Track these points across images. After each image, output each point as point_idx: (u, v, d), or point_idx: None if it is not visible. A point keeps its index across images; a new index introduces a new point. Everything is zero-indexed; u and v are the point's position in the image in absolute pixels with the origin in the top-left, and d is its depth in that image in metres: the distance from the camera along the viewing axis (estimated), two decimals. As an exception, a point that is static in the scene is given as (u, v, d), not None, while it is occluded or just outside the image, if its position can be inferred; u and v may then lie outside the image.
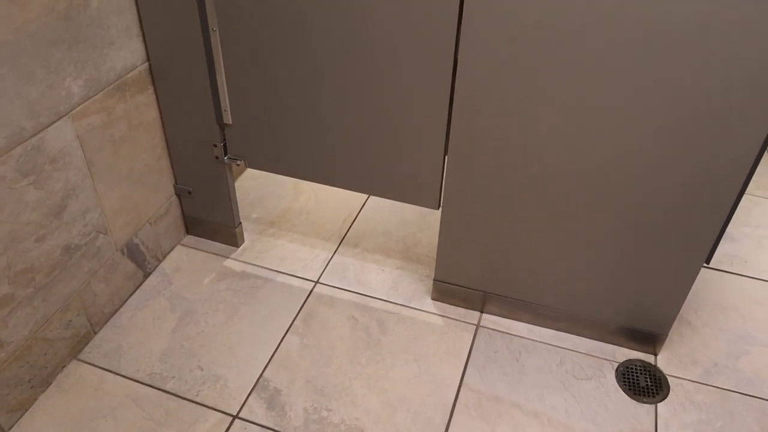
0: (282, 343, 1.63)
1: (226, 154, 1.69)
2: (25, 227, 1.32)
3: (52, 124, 1.32)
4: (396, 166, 1.54)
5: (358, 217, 2.06)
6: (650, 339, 1.61)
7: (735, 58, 1.12)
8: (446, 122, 1.41)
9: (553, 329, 1.69)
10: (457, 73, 1.32)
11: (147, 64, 1.55)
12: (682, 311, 1.73)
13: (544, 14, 1.18)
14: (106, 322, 1.65)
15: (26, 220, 1.32)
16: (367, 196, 2.14)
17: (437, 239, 1.63)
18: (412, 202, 1.60)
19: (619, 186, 1.36)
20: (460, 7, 1.24)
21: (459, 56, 1.30)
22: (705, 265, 1.46)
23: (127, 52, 1.48)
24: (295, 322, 1.69)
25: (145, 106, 1.59)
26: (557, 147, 1.35)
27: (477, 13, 1.22)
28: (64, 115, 1.34)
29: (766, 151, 1.34)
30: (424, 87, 1.38)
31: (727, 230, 2.02)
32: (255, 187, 2.17)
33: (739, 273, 1.88)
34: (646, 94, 1.21)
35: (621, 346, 1.65)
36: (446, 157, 1.47)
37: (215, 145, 1.67)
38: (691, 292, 1.79)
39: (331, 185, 1.65)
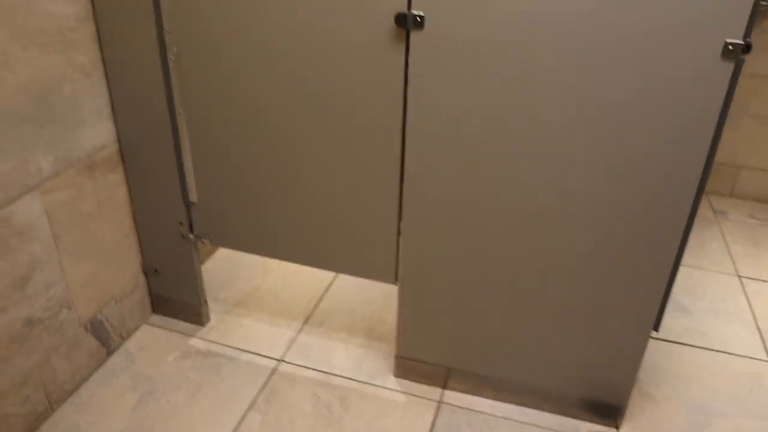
0: (243, 420, 1.62)
1: (191, 232, 1.74)
2: (-13, 297, 1.35)
3: (20, 197, 1.38)
4: (353, 242, 1.60)
5: (324, 297, 2.09)
6: (611, 411, 1.61)
7: (657, 120, 1.23)
8: (398, 199, 1.49)
9: (515, 404, 1.69)
10: (405, 152, 1.41)
11: (118, 144, 1.64)
12: (642, 384, 1.75)
13: (476, 94, 1.29)
14: (66, 399, 1.64)
15: (-12, 291, 1.35)
16: (333, 276, 2.18)
17: (397, 313, 1.66)
18: (371, 277, 1.65)
19: (566, 256, 1.42)
20: (404, 95, 1.35)
21: (406, 136, 1.40)
22: (655, 333, 1.50)
23: (98, 133, 1.57)
24: (258, 399, 1.68)
25: (114, 185, 1.66)
26: (504, 219, 1.42)
27: (419, 99, 1.34)
28: (32, 190, 1.41)
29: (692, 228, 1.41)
30: (376, 166, 1.46)
31: (685, 304, 2.08)
32: (224, 269, 2.21)
33: (698, 345, 1.91)
34: (578, 165, 1.31)
35: (583, 419, 1.64)
36: (400, 233, 1.54)
37: (181, 224, 1.73)
38: (651, 365, 1.81)
39: (292, 262, 1.70)
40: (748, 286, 2.19)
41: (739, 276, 2.24)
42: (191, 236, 1.75)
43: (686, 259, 2.31)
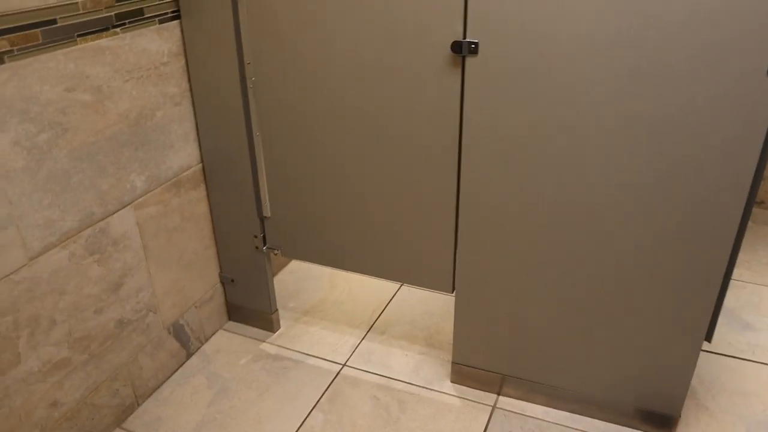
0: (307, 418, 1.74)
1: (265, 244, 1.90)
2: (87, 299, 1.53)
3: (117, 211, 1.57)
4: (413, 254, 1.71)
5: (386, 309, 2.20)
6: (664, 421, 1.64)
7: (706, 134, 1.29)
8: (455, 213, 1.59)
9: (567, 411, 1.74)
10: (461, 169, 1.52)
11: (201, 165, 1.83)
12: (700, 397, 1.76)
13: (527, 114, 1.39)
14: (150, 395, 1.81)
15: (88, 293, 1.53)
16: (396, 289, 2.30)
17: (453, 321, 1.75)
18: (429, 286, 1.75)
19: (616, 267, 1.48)
20: (460, 116, 1.46)
21: (462, 154, 1.50)
22: (708, 343, 1.52)
23: (185, 154, 1.76)
24: (321, 400, 1.80)
25: (197, 201, 1.84)
26: (554, 231, 1.50)
27: (473, 120, 1.44)
28: (127, 205, 1.60)
29: None
30: (434, 182, 1.57)
31: (750, 321, 2.06)
32: (294, 280, 2.36)
33: (760, 361, 1.89)
34: (626, 179, 1.38)
35: (636, 428, 1.68)
36: (457, 245, 1.64)
37: (255, 237, 1.89)
38: (711, 379, 1.82)
39: (356, 272, 1.83)
40: (816, 304, 2.15)
41: (805, 293, 2.20)
42: (264, 248, 1.90)
43: (755, 276, 2.30)
